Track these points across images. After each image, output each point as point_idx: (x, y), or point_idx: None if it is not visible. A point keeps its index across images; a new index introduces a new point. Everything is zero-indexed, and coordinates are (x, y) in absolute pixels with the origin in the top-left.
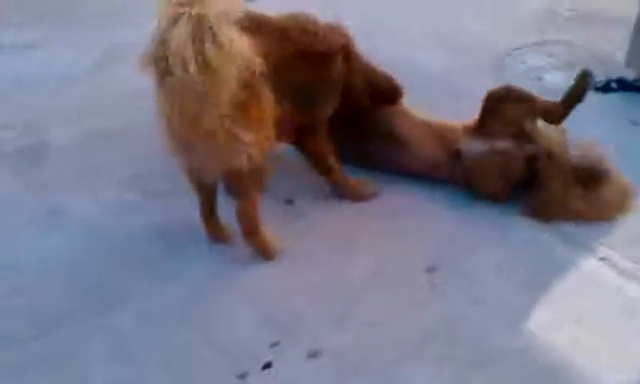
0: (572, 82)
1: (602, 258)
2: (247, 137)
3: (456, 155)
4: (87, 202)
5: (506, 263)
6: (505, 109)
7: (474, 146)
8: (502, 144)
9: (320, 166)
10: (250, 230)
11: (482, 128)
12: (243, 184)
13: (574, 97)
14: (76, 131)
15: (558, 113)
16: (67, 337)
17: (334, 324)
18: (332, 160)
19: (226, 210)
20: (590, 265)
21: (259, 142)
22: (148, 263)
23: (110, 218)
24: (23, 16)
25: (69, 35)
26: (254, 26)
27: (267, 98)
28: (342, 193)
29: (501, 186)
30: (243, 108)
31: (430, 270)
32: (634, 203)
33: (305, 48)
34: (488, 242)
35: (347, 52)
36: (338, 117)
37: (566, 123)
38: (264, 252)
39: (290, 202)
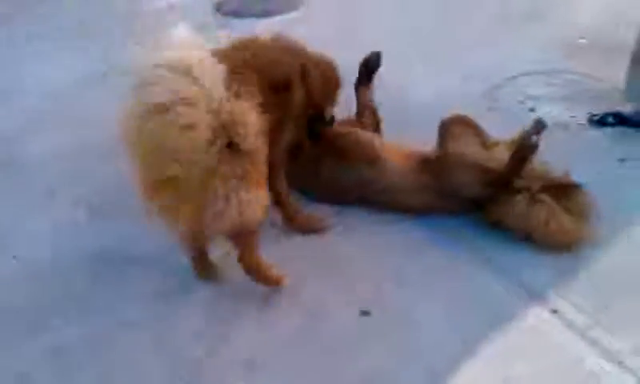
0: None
1: (553, 311)
2: (254, 194)
3: (425, 160)
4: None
5: (450, 313)
6: (455, 129)
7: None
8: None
9: (272, 196)
10: (253, 273)
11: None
12: (248, 237)
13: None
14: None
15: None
16: None
17: (240, 369)
18: (285, 192)
19: None
20: (538, 320)
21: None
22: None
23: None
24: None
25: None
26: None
27: (264, 152)
28: (290, 226)
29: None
30: (248, 172)
31: (365, 313)
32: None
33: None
34: (435, 289)
35: (304, 72)
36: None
37: (551, 157)
38: (269, 284)
39: None
